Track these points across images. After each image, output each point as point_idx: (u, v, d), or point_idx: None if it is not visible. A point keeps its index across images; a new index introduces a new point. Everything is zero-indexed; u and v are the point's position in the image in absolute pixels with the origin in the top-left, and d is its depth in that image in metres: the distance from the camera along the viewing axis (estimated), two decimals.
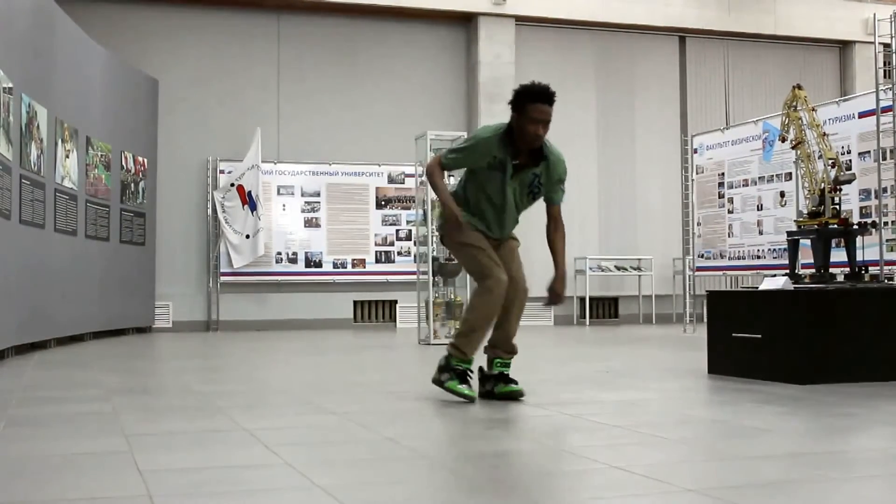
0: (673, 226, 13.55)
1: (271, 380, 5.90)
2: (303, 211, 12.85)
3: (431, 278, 9.13)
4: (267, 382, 5.70)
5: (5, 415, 4.02)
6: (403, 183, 13.11)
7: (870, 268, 6.13)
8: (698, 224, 10.71)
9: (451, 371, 4.34)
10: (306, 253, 12.77)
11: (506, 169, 4.34)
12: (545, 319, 13.50)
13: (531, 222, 5.07)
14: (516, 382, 4.42)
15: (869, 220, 6.97)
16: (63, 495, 2.48)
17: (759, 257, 9.80)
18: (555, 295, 4.46)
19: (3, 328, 7.10)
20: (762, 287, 5.48)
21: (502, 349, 4.46)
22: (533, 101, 4.24)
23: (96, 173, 10.16)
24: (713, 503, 2.29)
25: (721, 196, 10.34)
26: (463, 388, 4.30)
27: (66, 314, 9.08)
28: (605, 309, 14.19)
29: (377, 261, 12.99)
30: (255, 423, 3.70)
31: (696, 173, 10.77)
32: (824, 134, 6.13)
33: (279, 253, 12.69)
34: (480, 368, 4.50)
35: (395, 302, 13.11)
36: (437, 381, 4.39)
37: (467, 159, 4.44)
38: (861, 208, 8.29)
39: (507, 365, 4.47)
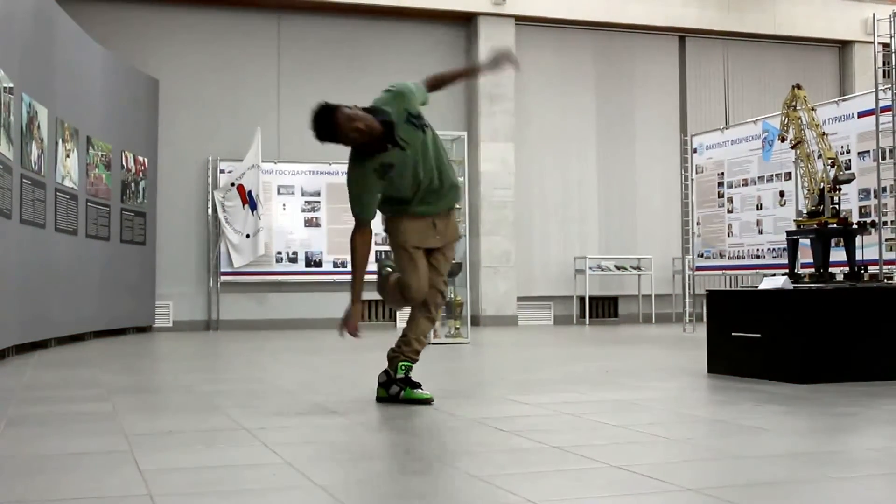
0: (673, 225, 13.56)
1: (271, 379, 5.90)
2: (303, 210, 12.85)
3: None
4: (267, 382, 5.70)
5: (5, 414, 4.02)
6: None
7: (869, 267, 6.14)
8: (698, 224, 10.71)
9: (397, 382, 4.34)
10: (306, 252, 12.78)
11: (387, 166, 4.29)
12: (545, 319, 13.51)
13: (528, 220, 5.06)
14: (421, 386, 4.40)
15: (868, 220, 6.97)
16: (63, 495, 2.48)
17: (758, 257, 9.80)
18: (502, 59, 4.76)
19: (3, 328, 7.11)
20: (762, 286, 5.48)
21: (410, 351, 4.45)
22: (335, 126, 4.15)
23: (97, 173, 10.16)
24: (713, 503, 2.29)
25: (721, 196, 10.35)
26: (421, 392, 4.32)
27: (67, 314, 9.08)
28: (604, 308, 14.19)
29: (377, 260, 12.98)
30: (255, 423, 3.70)
31: (696, 173, 10.77)
32: (824, 133, 6.13)
33: (279, 252, 12.70)
34: (386, 371, 4.45)
35: None
36: (393, 397, 4.35)
37: (372, 191, 4.29)
38: (860, 208, 8.30)
39: (411, 368, 4.44)
